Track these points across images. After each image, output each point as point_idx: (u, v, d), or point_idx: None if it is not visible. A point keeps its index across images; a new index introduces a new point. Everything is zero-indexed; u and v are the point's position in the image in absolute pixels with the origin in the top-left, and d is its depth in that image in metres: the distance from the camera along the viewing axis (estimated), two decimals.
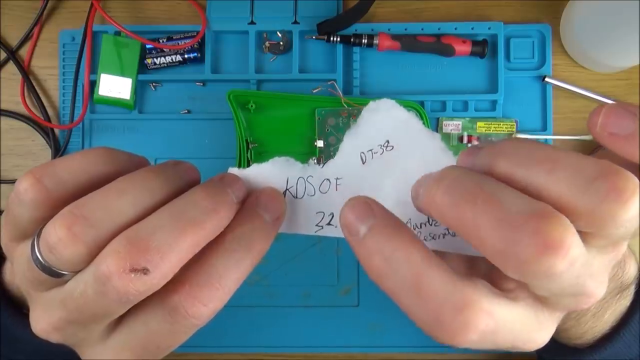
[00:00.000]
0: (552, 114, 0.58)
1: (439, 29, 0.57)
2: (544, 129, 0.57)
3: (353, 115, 0.55)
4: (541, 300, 0.25)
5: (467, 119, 0.57)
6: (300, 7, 0.58)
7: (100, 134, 0.59)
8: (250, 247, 0.26)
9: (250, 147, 0.54)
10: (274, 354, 0.58)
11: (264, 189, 0.27)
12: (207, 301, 0.24)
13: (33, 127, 0.59)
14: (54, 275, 0.24)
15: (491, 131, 0.57)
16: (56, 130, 0.59)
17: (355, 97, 0.57)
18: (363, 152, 0.26)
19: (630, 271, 0.37)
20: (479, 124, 0.57)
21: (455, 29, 0.57)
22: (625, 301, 0.37)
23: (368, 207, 0.24)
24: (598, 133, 0.24)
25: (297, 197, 0.27)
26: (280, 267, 0.58)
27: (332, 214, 0.27)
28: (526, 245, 0.20)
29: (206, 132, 0.58)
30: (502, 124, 0.57)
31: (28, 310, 0.27)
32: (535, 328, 0.25)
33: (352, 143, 0.26)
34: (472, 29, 0.57)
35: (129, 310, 0.25)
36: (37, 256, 0.24)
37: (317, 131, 0.55)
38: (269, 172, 0.27)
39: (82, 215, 0.23)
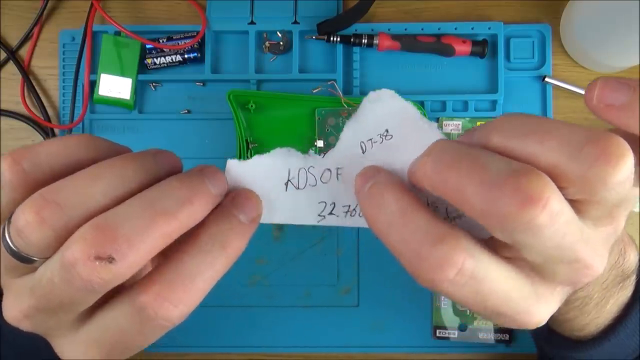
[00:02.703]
0: (552, 114, 0.58)
1: (439, 29, 0.57)
2: None
3: (353, 115, 0.55)
4: (537, 271, 0.25)
5: (467, 119, 0.57)
6: (300, 7, 0.58)
7: (100, 134, 0.59)
8: (224, 247, 0.25)
9: (250, 147, 0.54)
10: (274, 354, 0.58)
11: (240, 190, 0.27)
12: (177, 302, 0.24)
13: (33, 127, 0.59)
14: (23, 260, 0.23)
15: None
16: (56, 130, 0.59)
17: (355, 97, 0.57)
18: (363, 142, 0.26)
19: (631, 259, 0.37)
20: (479, 124, 0.57)
21: (455, 29, 0.57)
22: (626, 291, 0.37)
23: (376, 169, 0.25)
24: (595, 106, 0.24)
25: (298, 188, 0.27)
26: (280, 267, 0.58)
27: (334, 203, 0.27)
28: (507, 202, 0.21)
29: (206, 132, 0.58)
30: None
31: None
32: (532, 299, 0.25)
33: (352, 133, 0.27)
34: (472, 29, 0.57)
35: (100, 306, 0.25)
36: (7, 241, 0.23)
37: (317, 131, 0.55)
38: (270, 163, 0.27)
39: (53, 199, 0.22)
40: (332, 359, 0.58)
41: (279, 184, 0.27)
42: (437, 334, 0.57)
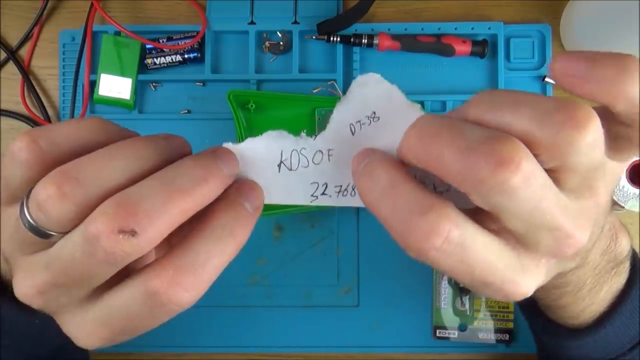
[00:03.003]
0: None
1: (439, 29, 0.57)
2: None
3: None
4: (522, 243, 0.25)
5: None
6: (300, 7, 0.58)
7: None
8: (233, 235, 0.26)
9: None
10: (274, 354, 0.58)
11: (244, 180, 0.28)
12: (190, 287, 0.24)
13: (33, 127, 0.59)
14: (41, 235, 0.24)
15: None
16: None
17: None
18: (352, 124, 0.28)
19: (623, 244, 0.37)
20: None
21: (455, 29, 0.57)
22: (620, 278, 0.38)
23: (371, 150, 0.27)
24: (558, 77, 0.25)
25: (291, 169, 0.28)
26: (280, 267, 0.58)
27: (326, 183, 0.28)
28: (482, 165, 0.22)
29: (206, 132, 0.58)
30: None
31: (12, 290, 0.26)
32: (518, 270, 0.25)
33: (342, 115, 0.28)
34: (472, 29, 0.57)
35: (109, 287, 0.25)
36: (25, 216, 0.24)
37: (317, 131, 0.55)
38: (263, 146, 0.28)
39: (73, 176, 0.23)
40: (332, 359, 0.58)
41: (272, 165, 0.28)
42: (437, 334, 0.57)
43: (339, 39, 0.57)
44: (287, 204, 0.29)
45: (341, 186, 0.28)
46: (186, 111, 0.59)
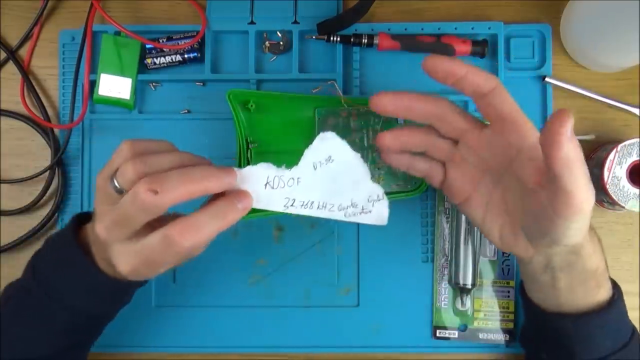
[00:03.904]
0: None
1: (439, 29, 0.57)
2: None
3: (353, 115, 0.55)
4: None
5: None
6: (300, 7, 0.58)
7: (100, 133, 0.59)
8: (225, 217, 0.39)
9: (250, 146, 0.54)
10: (274, 354, 0.58)
11: (241, 190, 0.41)
12: (190, 239, 0.38)
13: (33, 127, 0.59)
14: (118, 192, 0.39)
15: None
16: (56, 130, 0.59)
17: (355, 97, 0.57)
18: (314, 162, 0.41)
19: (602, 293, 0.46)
20: None
21: (456, 28, 0.57)
22: (599, 291, 0.45)
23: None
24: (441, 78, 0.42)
25: (273, 188, 0.41)
26: (280, 267, 0.58)
27: (294, 199, 0.41)
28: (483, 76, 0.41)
29: (206, 132, 0.58)
30: None
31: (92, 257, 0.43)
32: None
33: (309, 156, 0.42)
34: (472, 28, 0.57)
35: (145, 234, 0.39)
36: (114, 181, 0.39)
37: (317, 131, 0.55)
38: (257, 171, 0.41)
39: (142, 160, 0.39)
40: (332, 359, 0.58)
41: (261, 184, 0.41)
42: (437, 334, 0.57)
43: (339, 39, 0.57)
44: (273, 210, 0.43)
45: (303, 201, 0.42)
46: (186, 111, 0.59)
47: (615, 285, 0.47)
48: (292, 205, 0.41)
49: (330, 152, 0.41)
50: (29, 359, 0.45)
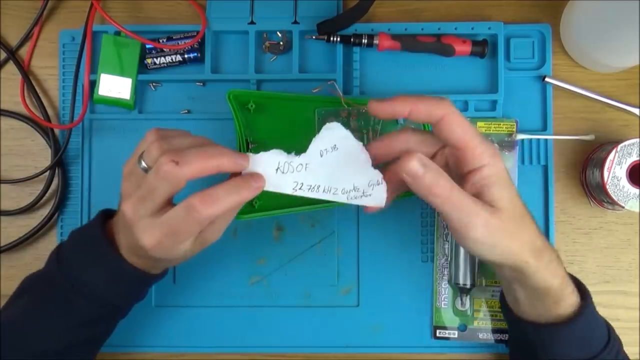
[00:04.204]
0: (552, 114, 0.58)
1: (439, 29, 0.57)
2: (544, 128, 0.57)
3: (353, 115, 0.55)
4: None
5: (467, 118, 0.57)
6: (300, 7, 0.58)
7: (100, 134, 0.59)
8: (239, 193, 0.42)
9: (250, 146, 0.54)
10: (274, 354, 0.58)
11: (255, 172, 0.44)
12: (209, 207, 0.41)
13: (33, 127, 0.59)
14: (144, 171, 0.42)
15: (491, 131, 0.57)
16: (56, 130, 0.59)
17: (355, 97, 0.57)
18: (321, 150, 0.45)
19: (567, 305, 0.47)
20: (479, 124, 0.57)
21: (455, 29, 0.57)
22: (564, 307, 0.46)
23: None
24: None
25: (283, 173, 0.44)
26: (280, 267, 0.58)
27: (302, 183, 0.45)
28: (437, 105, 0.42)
29: (206, 132, 0.58)
30: (502, 124, 0.57)
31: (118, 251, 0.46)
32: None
33: (316, 144, 0.45)
34: (472, 29, 0.57)
35: (167, 209, 0.42)
36: (141, 162, 0.43)
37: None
38: (269, 157, 0.44)
39: (166, 141, 0.42)
40: (332, 359, 0.58)
41: (273, 169, 0.44)
42: (437, 334, 0.57)
43: (339, 39, 0.57)
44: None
45: (310, 185, 0.45)
46: (186, 111, 0.59)
47: (585, 298, 0.47)
48: (300, 188, 0.44)
49: (335, 140, 0.44)
50: (46, 350, 0.46)
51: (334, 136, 0.44)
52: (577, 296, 0.46)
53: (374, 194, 0.44)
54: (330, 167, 0.45)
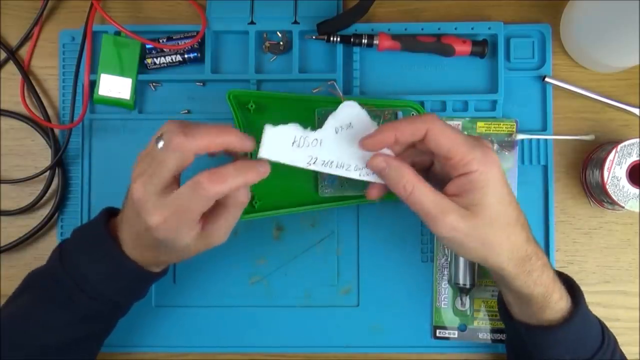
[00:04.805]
0: (552, 114, 0.58)
1: (439, 29, 0.57)
2: (544, 129, 0.57)
3: None
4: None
5: (467, 118, 0.57)
6: (300, 7, 0.58)
7: (100, 133, 0.59)
8: (245, 173, 0.43)
9: None
10: (274, 354, 0.58)
11: (263, 160, 0.45)
12: (216, 184, 0.41)
13: (33, 127, 0.59)
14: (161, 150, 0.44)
15: (491, 131, 0.57)
16: (56, 130, 0.59)
17: (355, 97, 0.57)
18: (336, 127, 0.46)
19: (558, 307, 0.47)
20: (479, 124, 0.57)
21: (455, 29, 0.57)
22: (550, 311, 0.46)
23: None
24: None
25: (299, 146, 0.45)
26: (280, 267, 0.58)
27: (317, 157, 0.46)
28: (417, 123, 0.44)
29: None
30: (502, 124, 0.57)
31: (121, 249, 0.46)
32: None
33: (331, 121, 0.46)
34: (472, 29, 0.57)
35: (176, 188, 0.43)
36: (159, 141, 0.43)
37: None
38: (287, 130, 0.45)
39: (183, 122, 0.44)
40: (332, 359, 0.58)
41: (289, 142, 0.45)
42: (437, 334, 0.57)
43: (339, 39, 0.57)
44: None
45: (324, 160, 0.46)
46: (186, 111, 0.59)
47: (576, 302, 0.46)
48: (314, 163, 0.45)
49: (351, 118, 0.46)
50: (47, 345, 0.46)
51: (350, 114, 0.46)
52: (566, 301, 0.46)
53: None
54: (345, 145, 0.46)
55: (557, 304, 0.46)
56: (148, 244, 0.45)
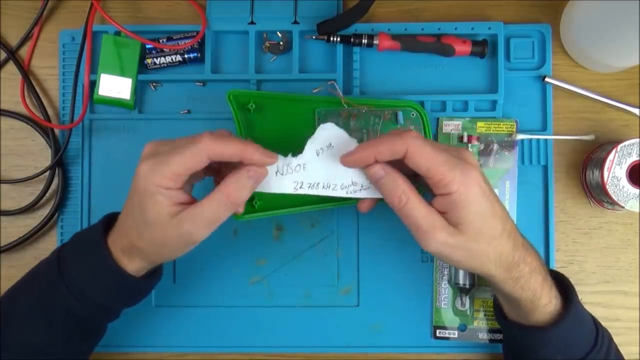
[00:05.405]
0: (552, 114, 0.58)
1: (439, 29, 0.57)
2: (544, 129, 0.57)
3: (353, 115, 0.55)
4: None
5: (467, 119, 0.57)
6: (300, 7, 0.58)
7: (100, 134, 0.59)
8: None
9: None
10: (274, 354, 0.58)
11: (263, 168, 0.45)
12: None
13: (33, 127, 0.59)
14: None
15: (491, 131, 0.57)
16: (56, 130, 0.59)
17: (355, 97, 0.57)
18: (317, 150, 0.47)
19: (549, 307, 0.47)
20: (479, 124, 0.57)
21: (455, 29, 0.57)
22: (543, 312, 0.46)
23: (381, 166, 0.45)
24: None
25: (283, 174, 0.47)
26: (280, 267, 0.58)
27: (302, 182, 0.47)
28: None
29: None
30: (502, 124, 0.57)
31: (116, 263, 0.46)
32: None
33: (311, 145, 0.47)
34: (472, 29, 0.57)
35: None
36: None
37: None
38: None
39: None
40: (332, 359, 0.58)
41: (272, 172, 0.46)
42: (437, 334, 0.57)
43: (339, 39, 0.57)
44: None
45: (310, 183, 0.47)
46: (186, 111, 0.59)
47: (568, 303, 0.47)
48: (300, 187, 0.47)
49: (330, 139, 0.47)
50: (33, 342, 0.46)
51: (328, 135, 0.47)
52: (556, 303, 0.47)
53: (372, 186, 0.46)
54: (328, 165, 0.47)
55: (546, 307, 0.46)
56: (143, 237, 0.44)
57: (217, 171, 0.48)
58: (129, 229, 0.45)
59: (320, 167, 0.47)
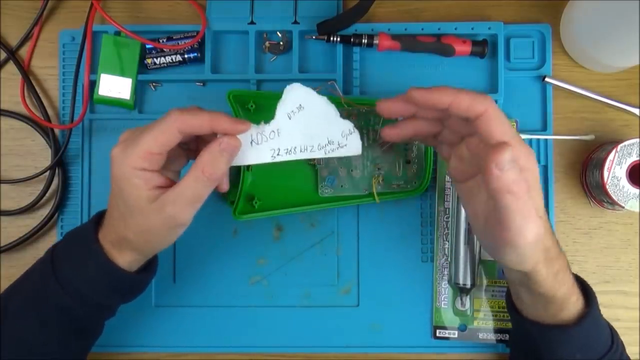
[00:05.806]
0: (552, 114, 0.58)
1: (439, 29, 0.57)
2: (544, 128, 0.57)
3: (353, 115, 0.55)
4: None
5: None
6: (300, 7, 0.58)
7: (100, 134, 0.59)
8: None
9: None
10: (274, 354, 0.58)
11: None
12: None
13: (33, 127, 0.59)
14: None
15: None
16: (56, 130, 0.59)
17: (355, 97, 0.57)
18: (288, 113, 0.46)
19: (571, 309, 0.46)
20: None
21: (455, 29, 0.57)
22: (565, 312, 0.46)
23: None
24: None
25: (258, 144, 0.45)
26: (280, 267, 0.58)
27: (279, 148, 0.46)
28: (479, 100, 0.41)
29: None
30: None
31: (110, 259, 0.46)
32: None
33: (282, 108, 0.46)
34: (472, 29, 0.57)
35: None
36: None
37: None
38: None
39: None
40: (332, 359, 0.58)
41: (248, 143, 0.45)
42: (437, 334, 0.57)
43: (339, 39, 0.57)
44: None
45: (287, 148, 0.46)
46: None
47: (589, 303, 0.46)
48: (278, 154, 0.46)
49: (299, 100, 0.46)
50: (26, 339, 0.46)
51: (297, 97, 0.46)
52: (581, 302, 0.46)
53: (349, 143, 0.46)
54: (302, 127, 0.46)
55: (574, 305, 0.45)
56: (129, 224, 0.44)
57: (197, 152, 0.46)
58: (115, 221, 0.45)
59: (294, 130, 0.46)
